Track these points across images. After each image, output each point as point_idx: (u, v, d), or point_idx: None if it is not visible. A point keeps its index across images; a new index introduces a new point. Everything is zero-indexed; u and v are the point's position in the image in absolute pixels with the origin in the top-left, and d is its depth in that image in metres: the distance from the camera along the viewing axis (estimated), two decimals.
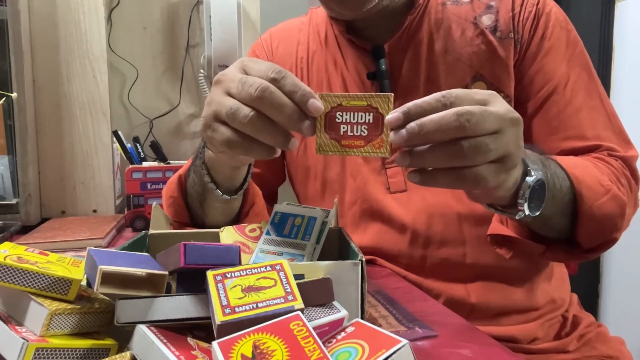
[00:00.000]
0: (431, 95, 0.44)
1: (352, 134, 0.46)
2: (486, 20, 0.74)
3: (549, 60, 0.72)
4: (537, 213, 0.53)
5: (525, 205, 0.51)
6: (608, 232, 0.64)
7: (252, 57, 0.51)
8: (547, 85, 0.72)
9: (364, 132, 0.45)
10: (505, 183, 0.48)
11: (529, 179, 0.51)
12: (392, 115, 0.44)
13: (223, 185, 0.64)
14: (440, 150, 0.44)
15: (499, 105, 0.46)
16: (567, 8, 1.75)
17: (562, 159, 0.63)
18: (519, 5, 0.73)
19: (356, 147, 0.46)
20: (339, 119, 0.46)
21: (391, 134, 0.44)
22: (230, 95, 0.48)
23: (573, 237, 0.65)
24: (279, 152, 0.51)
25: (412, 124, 0.43)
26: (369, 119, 0.45)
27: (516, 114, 0.46)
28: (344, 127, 0.46)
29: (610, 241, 0.65)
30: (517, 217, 0.53)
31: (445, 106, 0.43)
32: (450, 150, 0.43)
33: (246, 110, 0.46)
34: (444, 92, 0.44)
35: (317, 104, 0.46)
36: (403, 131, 0.43)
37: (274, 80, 0.46)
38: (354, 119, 0.45)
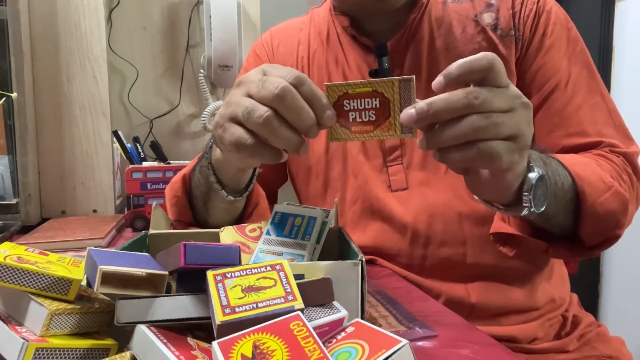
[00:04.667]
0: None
1: (360, 120, 0.47)
2: (487, 18, 0.74)
3: (550, 58, 0.72)
4: (542, 209, 0.53)
5: (531, 201, 0.51)
6: (611, 229, 0.64)
7: (270, 63, 0.51)
8: (548, 82, 0.72)
9: (372, 117, 0.47)
10: (517, 166, 0.48)
11: (531, 175, 0.51)
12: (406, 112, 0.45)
13: (228, 186, 0.64)
14: (453, 125, 0.44)
15: (512, 89, 0.46)
16: (567, 8, 1.75)
17: (563, 157, 0.63)
18: (519, 3, 0.74)
19: (366, 132, 0.47)
20: (346, 107, 0.47)
21: (402, 113, 0.45)
22: (249, 96, 0.48)
23: (576, 234, 0.64)
24: (285, 157, 0.51)
25: (421, 103, 0.44)
26: (376, 104, 0.46)
27: (527, 100, 0.46)
28: (352, 115, 0.47)
29: (613, 238, 0.65)
30: (522, 214, 0.52)
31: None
32: (462, 124, 0.43)
33: (262, 110, 0.46)
34: (468, 89, 0.44)
35: (332, 116, 0.47)
36: (412, 110, 0.44)
37: (293, 85, 0.46)
38: (361, 106, 0.47)
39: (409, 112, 0.44)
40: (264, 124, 0.46)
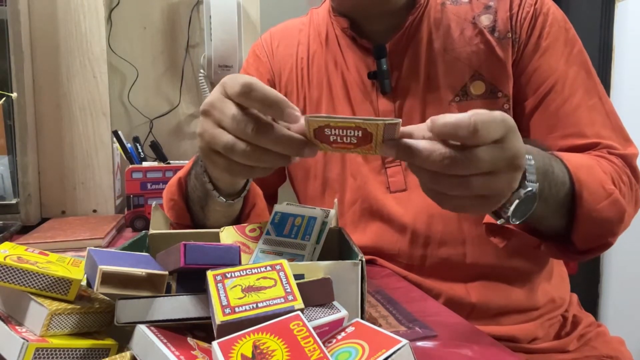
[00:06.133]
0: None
1: (341, 142, 0.45)
2: (485, 20, 0.74)
3: (547, 59, 0.72)
4: (518, 222, 0.51)
5: (510, 213, 0.49)
6: (604, 235, 0.63)
7: (232, 74, 0.48)
8: (544, 83, 0.72)
9: (354, 141, 0.45)
10: (488, 211, 0.48)
11: (520, 191, 0.49)
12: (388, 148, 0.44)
13: (225, 190, 0.64)
14: (427, 174, 0.43)
15: (503, 148, 0.43)
16: (567, 8, 1.76)
17: (569, 158, 0.62)
18: (517, 5, 0.74)
19: (347, 149, 0.46)
20: (327, 132, 0.45)
21: (382, 149, 0.44)
22: (222, 127, 0.47)
23: (569, 236, 0.64)
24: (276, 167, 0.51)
25: (401, 151, 0.42)
26: (358, 134, 0.44)
27: (518, 161, 0.44)
28: (333, 137, 0.45)
29: (605, 245, 0.64)
30: (498, 222, 0.51)
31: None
32: (436, 178, 0.43)
33: (242, 146, 0.45)
34: (446, 153, 0.41)
35: (294, 114, 0.45)
36: (393, 151, 0.43)
37: (243, 95, 0.44)
38: (342, 133, 0.44)
39: (389, 151, 0.43)
40: (248, 156, 0.46)
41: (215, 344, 0.32)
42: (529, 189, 0.49)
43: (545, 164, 0.56)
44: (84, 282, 0.40)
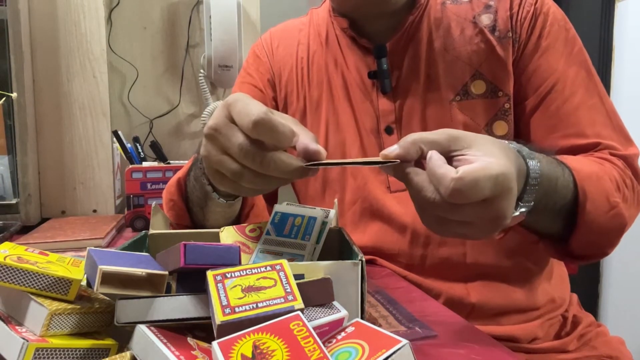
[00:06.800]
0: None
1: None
2: (485, 19, 0.74)
3: (547, 59, 0.72)
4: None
5: None
6: (602, 246, 0.64)
7: (237, 95, 0.48)
8: (544, 83, 0.72)
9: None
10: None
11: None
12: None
13: (224, 191, 0.64)
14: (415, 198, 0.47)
15: (486, 208, 0.43)
16: (567, 8, 1.76)
17: (577, 168, 0.61)
18: (517, 5, 0.74)
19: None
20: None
21: (382, 169, 0.48)
22: (228, 155, 0.47)
23: (566, 240, 0.64)
24: None
25: (402, 169, 0.46)
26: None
27: (503, 222, 0.44)
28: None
29: (602, 254, 0.65)
30: None
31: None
32: (419, 205, 0.47)
33: (251, 174, 0.46)
34: (434, 201, 0.44)
35: (310, 147, 0.47)
36: (392, 173, 0.47)
37: (254, 130, 0.44)
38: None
39: (389, 171, 0.47)
40: (255, 183, 0.47)
41: (215, 344, 0.32)
42: (522, 209, 0.50)
43: (550, 180, 0.55)
44: (84, 282, 0.40)
